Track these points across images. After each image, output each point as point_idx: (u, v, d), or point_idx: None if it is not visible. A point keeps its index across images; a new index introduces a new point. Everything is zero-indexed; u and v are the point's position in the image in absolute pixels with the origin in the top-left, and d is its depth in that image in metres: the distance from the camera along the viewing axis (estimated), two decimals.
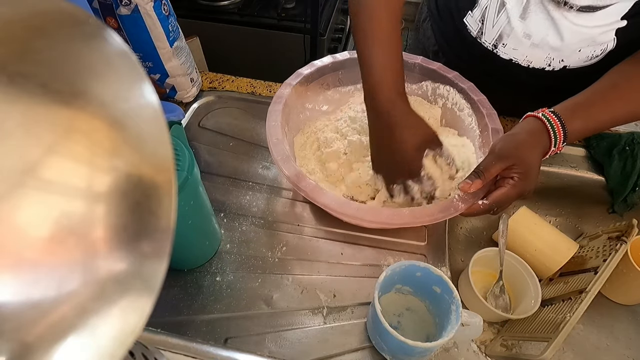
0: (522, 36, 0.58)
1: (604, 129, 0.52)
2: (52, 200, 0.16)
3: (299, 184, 0.48)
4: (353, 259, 0.56)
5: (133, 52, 0.28)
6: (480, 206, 0.48)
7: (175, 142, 0.42)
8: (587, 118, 0.50)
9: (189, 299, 0.51)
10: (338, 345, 0.49)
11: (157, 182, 0.18)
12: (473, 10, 0.62)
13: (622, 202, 0.63)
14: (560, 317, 0.46)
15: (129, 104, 0.18)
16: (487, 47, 0.62)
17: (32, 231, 0.15)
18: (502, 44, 0.61)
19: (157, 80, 0.70)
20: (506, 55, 0.61)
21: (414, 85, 0.68)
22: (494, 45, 0.62)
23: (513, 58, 0.61)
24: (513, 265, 0.53)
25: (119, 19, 0.61)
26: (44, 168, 0.16)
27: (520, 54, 0.60)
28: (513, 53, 0.60)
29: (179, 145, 0.42)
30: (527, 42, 0.58)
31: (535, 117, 0.50)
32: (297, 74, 0.62)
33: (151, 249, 0.17)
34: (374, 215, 0.47)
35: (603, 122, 0.51)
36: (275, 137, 0.53)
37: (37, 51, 0.17)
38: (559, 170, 0.69)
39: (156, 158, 0.18)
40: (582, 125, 0.50)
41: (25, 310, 0.15)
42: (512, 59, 0.61)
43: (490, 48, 0.62)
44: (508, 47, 0.60)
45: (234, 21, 1.27)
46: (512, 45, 0.60)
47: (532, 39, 0.58)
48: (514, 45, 0.60)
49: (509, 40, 0.60)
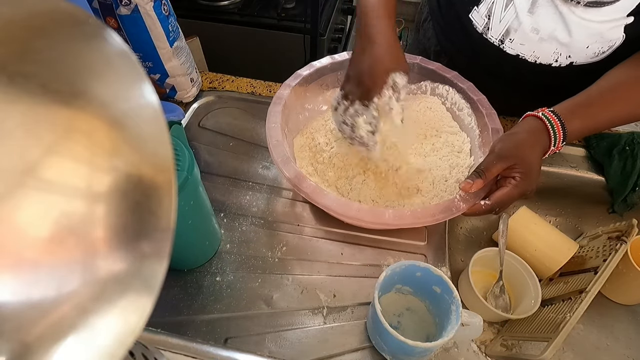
0: (530, 31, 0.58)
1: (603, 129, 0.53)
2: (52, 200, 0.16)
3: (300, 186, 0.48)
4: (353, 259, 0.56)
5: (133, 52, 0.28)
6: (482, 206, 0.48)
7: (175, 142, 0.42)
8: (586, 118, 0.50)
9: (189, 299, 0.51)
10: (338, 345, 0.49)
11: (157, 182, 0.18)
12: (479, 6, 0.62)
13: (622, 202, 0.63)
14: (560, 317, 0.46)
15: (129, 104, 0.19)
16: (494, 42, 0.62)
17: (32, 231, 0.15)
18: (509, 39, 0.61)
19: (157, 80, 0.70)
20: (513, 51, 0.61)
21: (413, 85, 0.68)
22: (501, 41, 0.62)
23: (520, 53, 0.61)
24: (513, 265, 0.53)
25: (119, 19, 0.61)
26: (44, 168, 0.16)
27: (527, 49, 0.60)
28: (520, 48, 0.61)
29: (179, 145, 0.42)
30: (535, 36, 0.58)
31: (535, 117, 0.50)
32: (296, 75, 0.62)
33: (151, 249, 0.17)
34: (375, 217, 0.47)
35: (602, 122, 0.51)
36: (275, 139, 0.53)
37: (37, 51, 0.17)
38: (559, 170, 0.69)
39: (156, 158, 0.18)
40: (582, 125, 0.50)
41: (25, 310, 0.15)
42: (519, 54, 0.61)
43: (497, 44, 0.62)
44: (515, 43, 0.60)
45: (234, 21, 1.27)
46: (519, 40, 0.60)
47: (540, 34, 0.58)
48: (521, 41, 0.60)
49: (517, 35, 0.60)
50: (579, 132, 0.50)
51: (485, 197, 0.49)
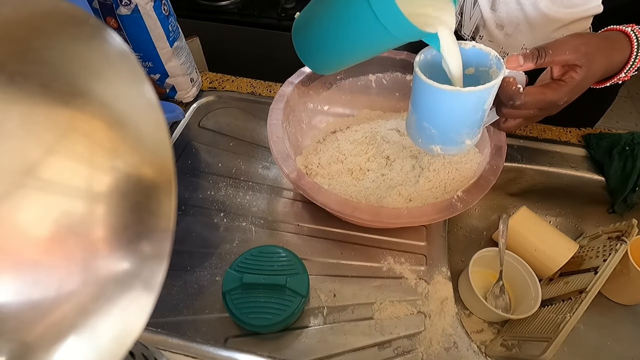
0: (494, 27, 0.59)
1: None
2: (52, 200, 0.16)
3: (299, 182, 0.48)
4: (353, 259, 0.56)
5: (133, 52, 0.28)
6: (517, 90, 0.39)
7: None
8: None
9: (189, 299, 0.51)
10: (338, 345, 0.48)
11: (157, 182, 0.18)
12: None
13: (622, 202, 0.63)
14: (560, 317, 0.46)
15: (129, 104, 0.18)
16: (467, 39, 0.63)
17: (33, 231, 0.15)
18: (479, 36, 0.62)
19: (157, 80, 0.70)
20: None
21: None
22: (472, 38, 0.63)
23: None
24: (513, 265, 0.53)
25: (119, 19, 0.61)
26: (44, 168, 0.16)
27: (495, 45, 0.61)
28: (489, 45, 0.61)
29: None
30: (500, 33, 0.59)
31: (620, 31, 0.43)
32: (300, 72, 0.62)
33: (151, 249, 0.17)
34: (372, 215, 0.47)
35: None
36: (276, 135, 0.53)
37: (37, 51, 0.17)
38: (559, 170, 0.69)
39: (156, 158, 0.18)
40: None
41: (26, 310, 0.15)
42: None
43: (469, 40, 0.63)
44: (485, 39, 0.62)
45: (234, 21, 1.27)
46: (487, 37, 0.61)
47: (505, 30, 0.59)
48: (489, 37, 0.61)
49: (485, 32, 0.61)
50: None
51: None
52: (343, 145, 0.62)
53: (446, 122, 0.41)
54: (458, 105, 0.38)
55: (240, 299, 0.45)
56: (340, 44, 0.39)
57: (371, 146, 0.61)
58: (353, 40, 0.38)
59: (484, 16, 0.59)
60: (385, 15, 0.32)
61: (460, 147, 0.44)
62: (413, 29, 0.33)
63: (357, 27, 0.35)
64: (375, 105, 0.69)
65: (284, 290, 0.45)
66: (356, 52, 0.40)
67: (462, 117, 0.40)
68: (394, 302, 0.51)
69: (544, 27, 0.56)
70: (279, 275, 0.46)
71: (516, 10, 0.56)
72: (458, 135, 0.42)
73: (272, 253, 0.48)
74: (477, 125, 0.42)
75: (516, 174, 0.67)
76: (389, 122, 0.63)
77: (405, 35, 0.35)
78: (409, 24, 0.32)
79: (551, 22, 0.55)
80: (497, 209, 0.69)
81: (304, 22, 0.42)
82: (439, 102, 0.39)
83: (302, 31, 0.43)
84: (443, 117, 0.41)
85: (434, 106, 0.40)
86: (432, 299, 0.52)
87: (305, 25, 0.42)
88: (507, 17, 0.57)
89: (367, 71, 0.65)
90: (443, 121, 0.41)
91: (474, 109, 0.39)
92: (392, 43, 0.36)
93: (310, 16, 0.41)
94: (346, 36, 0.37)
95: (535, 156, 0.67)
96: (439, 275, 0.54)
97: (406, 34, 0.34)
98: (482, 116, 0.41)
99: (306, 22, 0.42)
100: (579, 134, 0.71)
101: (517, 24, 0.57)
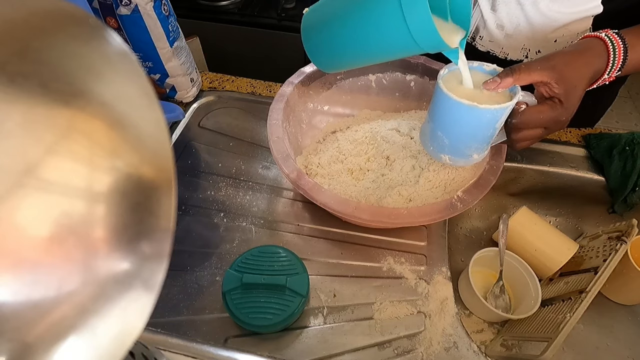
0: (495, 27, 0.59)
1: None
2: (52, 200, 0.16)
3: (299, 182, 0.49)
4: (353, 259, 0.56)
5: (133, 52, 0.28)
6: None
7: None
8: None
9: (189, 299, 0.51)
10: (338, 345, 0.48)
11: (157, 182, 0.18)
12: None
13: (622, 202, 0.63)
14: (560, 317, 0.46)
15: (129, 104, 0.18)
16: (467, 40, 0.63)
17: (32, 231, 0.15)
18: (479, 36, 0.62)
19: (157, 80, 0.70)
20: (483, 48, 0.63)
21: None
22: (472, 38, 0.63)
23: (490, 50, 0.62)
24: (513, 265, 0.53)
25: (119, 19, 0.61)
26: (44, 168, 0.16)
27: (496, 45, 0.61)
28: (490, 45, 0.61)
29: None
30: (500, 33, 0.59)
31: (596, 37, 0.45)
32: (300, 72, 0.62)
33: (151, 249, 0.17)
34: (372, 215, 0.47)
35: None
36: (276, 135, 0.53)
37: (37, 51, 0.17)
38: (559, 170, 0.69)
39: (156, 158, 0.18)
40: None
41: (26, 310, 0.15)
42: (490, 51, 0.62)
43: (469, 41, 0.63)
44: (484, 40, 0.62)
45: (234, 21, 1.27)
46: (487, 37, 0.61)
47: (505, 30, 0.59)
48: (489, 38, 0.61)
49: (485, 33, 0.61)
50: (638, 63, 0.45)
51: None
52: (343, 145, 0.61)
53: (459, 133, 0.43)
54: (472, 119, 0.40)
55: (240, 299, 0.45)
56: (360, 47, 0.40)
57: (371, 146, 0.61)
58: (376, 45, 0.38)
59: (484, 16, 0.60)
60: (417, 27, 0.33)
61: (467, 160, 0.46)
62: (440, 43, 0.34)
63: (384, 34, 0.36)
64: (375, 105, 0.69)
65: (284, 290, 0.45)
66: (374, 56, 0.41)
67: (475, 131, 0.42)
68: (394, 302, 0.51)
69: (544, 27, 0.56)
70: (279, 275, 0.46)
71: (516, 10, 0.56)
72: (468, 148, 0.43)
73: (272, 253, 0.48)
74: (487, 142, 0.43)
75: (516, 174, 0.67)
76: (389, 122, 0.63)
77: (430, 47, 0.35)
78: (439, 38, 0.33)
79: (551, 22, 0.55)
80: (497, 209, 0.69)
81: (318, 20, 0.43)
82: (455, 114, 0.40)
83: (316, 29, 0.43)
84: (457, 129, 0.42)
85: (450, 117, 0.41)
86: (432, 299, 0.52)
87: (321, 23, 0.42)
88: (507, 17, 0.58)
89: (367, 71, 0.65)
90: (456, 132, 0.43)
91: (487, 125, 0.41)
92: (413, 52, 0.37)
93: (329, 15, 0.41)
94: (369, 41, 0.38)
95: (535, 156, 0.67)
96: (439, 275, 0.54)
97: (431, 46, 0.35)
98: (492, 134, 0.43)
99: (323, 20, 0.42)
100: (579, 134, 0.71)
101: (517, 24, 0.57)
